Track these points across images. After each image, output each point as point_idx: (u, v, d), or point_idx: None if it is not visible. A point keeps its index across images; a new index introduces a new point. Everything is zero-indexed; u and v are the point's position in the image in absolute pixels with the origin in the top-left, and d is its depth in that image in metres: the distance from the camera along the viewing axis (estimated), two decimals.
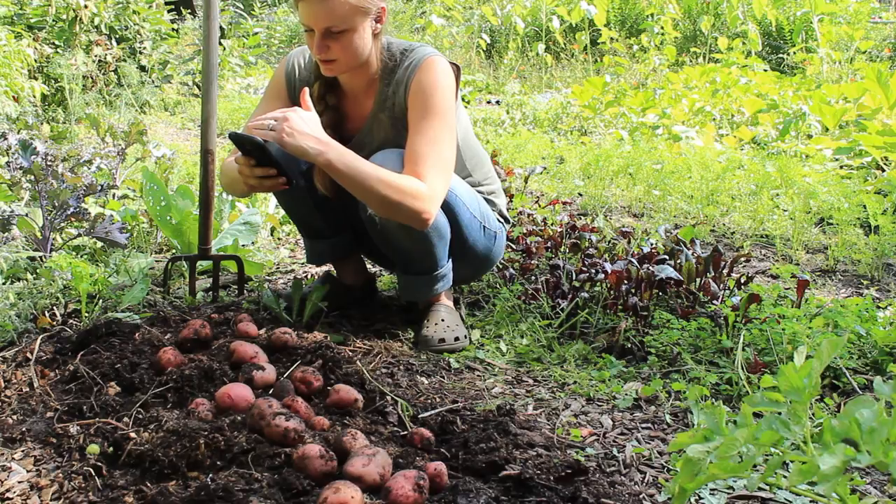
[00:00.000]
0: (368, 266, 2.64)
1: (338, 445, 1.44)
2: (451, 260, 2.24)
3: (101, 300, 2.27)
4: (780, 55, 8.79)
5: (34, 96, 5.32)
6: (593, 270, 2.35)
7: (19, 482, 1.40)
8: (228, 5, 9.96)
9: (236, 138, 1.92)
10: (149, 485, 1.34)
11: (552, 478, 1.43)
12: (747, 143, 5.30)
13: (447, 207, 2.10)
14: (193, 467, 1.38)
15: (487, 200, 2.33)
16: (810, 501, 1.39)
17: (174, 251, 2.84)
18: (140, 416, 1.56)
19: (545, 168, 4.31)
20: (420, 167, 1.96)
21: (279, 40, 10.17)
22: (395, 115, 2.11)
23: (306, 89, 2.00)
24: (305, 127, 1.88)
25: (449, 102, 2.04)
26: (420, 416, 1.69)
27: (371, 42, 2.03)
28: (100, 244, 2.72)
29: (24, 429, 1.55)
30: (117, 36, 6.62)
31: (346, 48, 1.98)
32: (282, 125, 1.85)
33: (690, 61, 8.80)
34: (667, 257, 2.41)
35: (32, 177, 2.51)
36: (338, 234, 2.36)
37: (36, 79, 5.63)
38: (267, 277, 2.78)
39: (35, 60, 5.60)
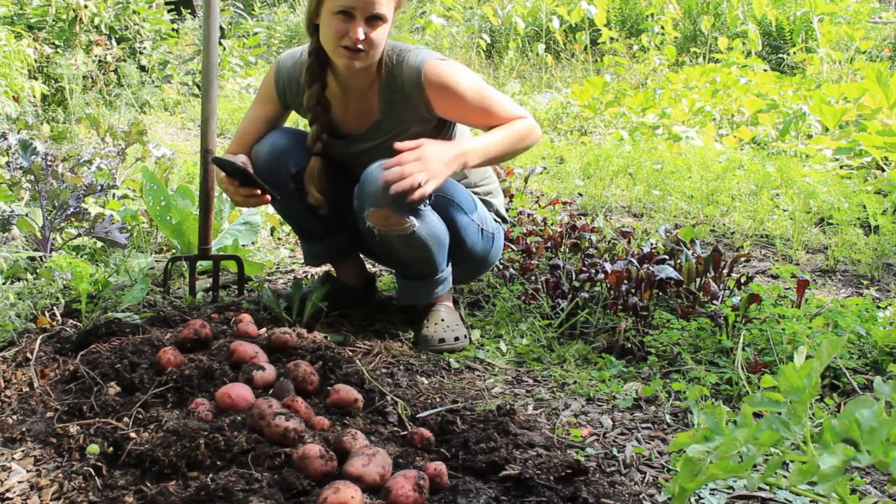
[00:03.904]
0: (368, 266, 2.64)
1: (338, 445, 1.44)
2: (449, 263, 2.24)
3: (101, 300, 2.27)
4: (780, 55, 8.78)
5: (34, 96, 5.32)
6: (593, 270, 2.35)
7: (19, 482, 1.40)
8: (228, 5, 9.96)
9: (219, 163, 1.99)
10: (149, 485, 1.34)
11: (552, 478, 1.43)
12: (747, 143, 5.30)
13: (445, 213, 2.11)
14: (193, 467, 1.38)
15: (484, 201, 2.33)
16: (810, 501, 1.39)
17: (174, 251, 2.84)
18: (140, 416, 1.55)
19: (545, 168, 4.31)
20: (505, 115, 2.09)
21: (279, 40, 10.16)
22: (405, 120, 2.12)
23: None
24: (433, 160, 1.91)
25: (469, 77, 2.09)
26: (420, 415, 1.69)
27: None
28: (100, 244, 2.72)
29: (24, 429, 1.55)
30: (117, 36, 6.62)
31: (377, 39, 1.98)
32: (422, 175, 1.88)
33: (690, 61, 8.80)
34: (667, 257, 2.41)
35: (32, 177, 2.51)
36: (333, 234, 2.36)
37: (36, 79, 5.63)
38: (267, 277, 2.78)
39: (35, 60, 5.61)
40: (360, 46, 1.96)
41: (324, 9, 1.98)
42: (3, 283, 2.26)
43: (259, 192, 2.05)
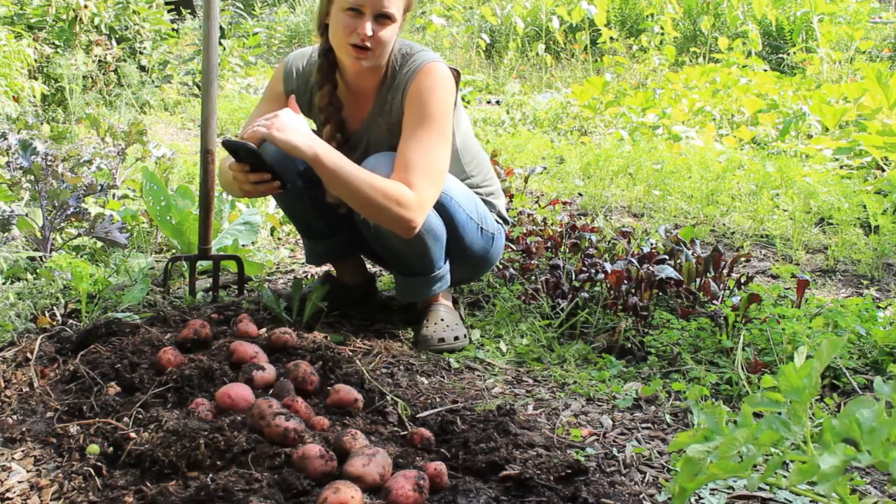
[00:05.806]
0: (368, 266, 2.64)
1: (338, 445, 1.44)
2: (448, 261, 2.24)
3: (101, 300, 2.27)
4: (780, 55, 8.78)
5: (34, 96, 5.32)
6: (593, 270, 2.35)
7: (19, 482, 1.40)
8: (228, 5, 9.95)
9: (230, 145, 1.95)
10: (149, 485, 1.34)
11: (552, 478, 1.43)
12: (747, 143, 5.30)
13: (442, 209, 2.10)
14: (193, 467, 1.38)
15: (486, 202, 2.33)
16: (810, 501, 1.39)
17: (174, 251, 2.84)
18: (140, 416, 1.55)
19: (545, 168, 4.31)
20: (410, 175, 1.96)
21: (279, 40, 10.17)
22: (392, 119, 2.11)
23: (293, 96, 2.05)
24: (294, 124, 1.91)
25: (446, 111, 2.03)
26: (420, 415, 1.69)
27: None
28: (100, 244, 2.72)
29: (24, 429, 1.55)
30: (117, 36, 6.62)
31: (384, 39, 1.99)
32: (272, 122, 1.89)
33: (690, 61, 8.80)
34: (667, 257, 2.41)
35: (32, 177, 2.51)
36: (336, 234, 2.36)
37: (36, 79, 5.63)
38: (267, 277, 2.78)
39: (35, 60, 5.60)
40: (368, 44, 1.97)
41: (334, 6, 2.00)
42: (3, 283, 2.26)
43: (269, 176, 1.99)
